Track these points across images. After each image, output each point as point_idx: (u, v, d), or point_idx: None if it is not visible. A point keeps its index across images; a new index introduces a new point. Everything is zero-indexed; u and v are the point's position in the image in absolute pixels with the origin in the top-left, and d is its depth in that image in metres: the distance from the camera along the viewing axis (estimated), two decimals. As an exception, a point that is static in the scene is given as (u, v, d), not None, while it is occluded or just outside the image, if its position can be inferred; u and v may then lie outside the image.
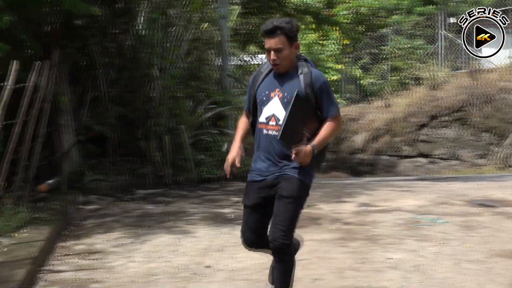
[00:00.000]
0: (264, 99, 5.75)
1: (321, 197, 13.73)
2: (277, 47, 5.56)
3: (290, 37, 5.60)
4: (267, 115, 5.73)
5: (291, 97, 5.54)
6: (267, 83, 5.80)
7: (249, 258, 8.62)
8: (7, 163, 9.63)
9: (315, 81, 5.66)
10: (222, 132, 17.92)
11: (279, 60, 5.62)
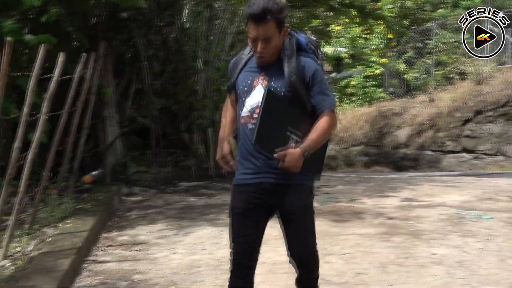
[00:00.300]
0: (246, 88, 4.87)
1: (364, 191, 13.69)
2: (266, 36, 4.64)
3: (280, 23, 4.67)
4: (251, 106, 4.81)
5: (277, 85, 4.75)
6: (249, 69, 4.92)
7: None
8: (52, 154, 9.71)
9: (306, 70, 4.78)
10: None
11: (267, 51, 4.71)
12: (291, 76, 4.72)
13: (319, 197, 12.97)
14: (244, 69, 4.94)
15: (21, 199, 8.38)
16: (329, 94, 4.82)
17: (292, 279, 7.35)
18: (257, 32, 4.62)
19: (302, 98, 4.77)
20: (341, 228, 9.99)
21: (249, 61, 4.95)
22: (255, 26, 4.62)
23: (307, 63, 4.81)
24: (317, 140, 4.73)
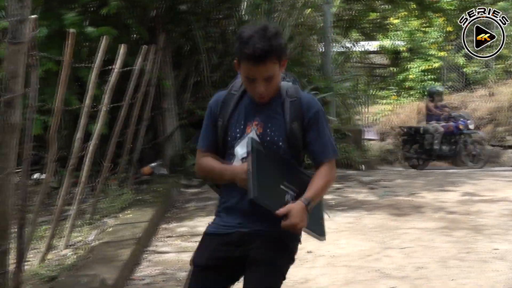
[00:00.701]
0: (238, 135, 3.93)
1: (424, 186, 13.56)
2: (268, 75, 3.75)
3: (280, 59, 3.78)
4: (241, 156, 3.90)
5: (275, 134, 3.88)
6: (242, 113, 3.96)
7: (351, 245, 8.59)
8: (112, 146, 9.78)
9: (306, 110, 3.90)
10: (324, 118, 17.84)
11: (269, 90, 3.83)
12: (293, 122, 3.89)
13: (378, 191, 12.91)
14: (235, 110, 3.98)
15: (82, 190, 8.46)
16: (330, 141, 3.98)
17: (352, 272, 7.36)
18: (256, 73, 3.75)
19: (299, 147, 3.94)
20: (401, 222, 9.90)
21: (241, 100, 4.00)
22: (253, 67, 3.73)
23: (308, 102, 3.93)
24: (320, 193, 3.90)
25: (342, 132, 17.63)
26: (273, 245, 3.86)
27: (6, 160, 4.36)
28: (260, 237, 3.85)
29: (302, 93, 3.96)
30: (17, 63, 4.31)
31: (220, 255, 3.91)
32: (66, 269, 7.15)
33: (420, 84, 28.93)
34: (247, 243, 3.88)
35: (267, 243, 3.85)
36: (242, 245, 3.89)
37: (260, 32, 3.71)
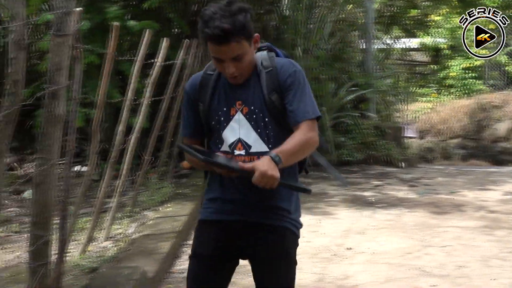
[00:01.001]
0: (222, 119, 3.70)
1: (465, 184, 13.47)
2: (236, 54, 3.52)
3: (247, 36, 3.53)
4: (230, 141, 3.68)
5: (259, 110, 3.64)
6: (222, 94, 3.74)
7: (391, 242, 8.55)
8: (153, 139, 9.81)
9: (282, 74, 3.64)
10: (363, 115, 17.79)
11: (240, 70, 3.59)
12: (271, 94, 3.64)
13: (418, 188, 12.84)
14: (215, 92, 3.75)
15: (123, 182, 8.49)
16: (309, 101, 3.64)
17: (392, 269, 7.32)
18: (222, 54, 3.52)
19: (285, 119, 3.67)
20: (441, 220, 9.84)
21: (218, 81, 3.77)
22: (218, 47, 3.50)
23: (283, 65, 3.67)
24: (292, 150, 3.49)
25: (381, 129, 17.54)
26: (282, 237, 3.70)
27: (50, 151, 4.39)
28: (268, 230, 3.68)
29: (278, 60, 3.71)
30: (62, 55, 4.32)
31: (223, 244, 3.73)
32: (107, 261, 7.19)
33: (461, 82, 28.67)
34: (250, 235, 3.70)
35: (276, 236, 3.69)
36: (246, 236, 3.71)
37: (222, 9, 3.48)
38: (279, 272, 3.73)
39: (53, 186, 4.47)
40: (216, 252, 3.73)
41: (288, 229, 3.71)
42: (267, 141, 3.65)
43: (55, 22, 4.30)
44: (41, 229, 4.45)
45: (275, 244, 3.69)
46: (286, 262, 3.74)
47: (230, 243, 3.73)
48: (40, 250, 4.50)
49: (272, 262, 3.70)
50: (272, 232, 3.68)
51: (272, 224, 3.68)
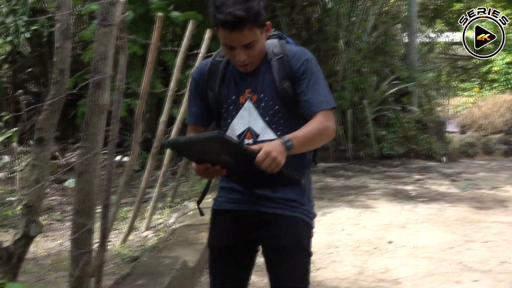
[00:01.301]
0: (231, 107, 3.65)
1: (508, 180, 13.34)
2: (248, 42, 3.43)
3: (259, 23, 3.44)
4: (240, 130, 3.62)
5: (269, 98, 3.57)
6: (231, 82, 3.68)
7: (432, 236, 8.49)
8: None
9: (295, 63, 3.55)
10: (405, 108, 17.69)
11: (251, 58, 3.52)
12: (283, 81, 3.56)
13: (460, 183, 12.73)
14: (224, 79, 3.70)
15: (164, 173, 8.53)
16: (323, 91, 3.54)
17: (433, 263, 7.27)
18: (233, 41, 3.44)
19: (298, 107, 3.57)
20: (483, 215, 9.74)
21: (227, 68, 3.70)
22: (229, 34, 3.42)
23: (295, 53, 3.59)
24: (307, 137, 3.40)
25: (423, 123, 17.44)
26: (294, 227, 3.63)
27: (94, 140, 4.41)
28: (280, 220, 3.61)
29: (289, 47, 3.63)
30: (107, 45, 4.34)
31: (237, 234, 3.69)
32: (148, 250, 7.24)
33: (504, 76, 28.39)
34: (262, 226, 3.65)
35: (288, 226, 3.62)
36: (258, 227, 3.66)
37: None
38: (291, 261, 3.65)
39: (96, 175, 4.50)
40: (229, 242, 3.70)
41: (299, 218, 3.65)
42: (276, 130, 3.56)
43: (100, 12, 4.32)
44: (84, 218, 4.48)
45: (287, 234, 3.62)
46: (298, 251, 3.65)
47: (242, 233, 3.68)
48: (83, 238, 4.52)
49: (284, 252, 3.63)
50: (283, 222, 3.62)
51: (283, 214, 3.62)
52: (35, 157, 4.06)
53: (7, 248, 4.06)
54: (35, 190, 4.06)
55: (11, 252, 4.06)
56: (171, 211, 9.21)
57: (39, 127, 4.01)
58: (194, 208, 8.94)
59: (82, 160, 4.40)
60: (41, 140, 4.01)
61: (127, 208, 9.09)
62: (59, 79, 3.97)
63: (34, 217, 4.11)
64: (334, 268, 7.13)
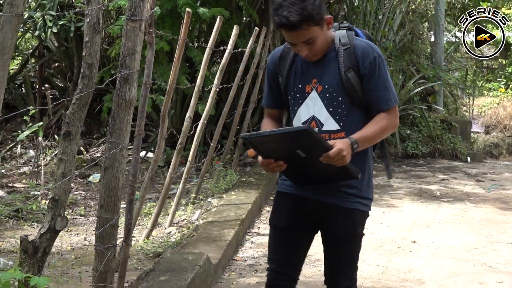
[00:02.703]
0: (298, 95, 3.90)
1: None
2: (306, 39, 3.69)
3: (317, 21, 3.64)
4: (305, 118, 3.87)
5: (334, 89, 3.81)
6: (298, 70, 3.90)
7: (456, 237, 8.46)
8: (219, 127, 9.84)
9: (361, 58, 3.76)
10: (430, 108, 17.60)
11: (313, 52, 3.76)
12: (348, 71, 3.77)
13: (485, 183, 12.65)
14: (293, 66, 3.93)
15: (189, 169, 8.53)
16: (389, 89, 3.81)
17: (457, 264, 7.23)
18: (292, 39, 3.73)
19: (359, 97, 3.82)
20: (508, 216, 9.69)
21: (297, 56, 3.92)
22: (288, 34, 3.71)
23: (363, 49, 3.79)
24: (372, 135, 3.75)
25: (448, 123, 17.35)
26: (351, 218, 3.93)
27: (120, 135, 4.42)
28: (338, 211, 3.91)
29: (357, 40, 3.84)
30: (135, 40, 4.35)
31: (296, 217, 4.00)
32: (171, 246, 7.25)
33: (530, 76, 28.20)
34: (322, 213, 3.96)
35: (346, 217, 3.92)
36: (318, 214, 3.96)
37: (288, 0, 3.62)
38: (346, 249, 4.01)
39: (122, 170, 4.51)
40: (288, 223, 4.02)
41: (356, 210, 3.93)
42: (339, 120, 3.81)
43: (129, 7, 4.33)
44: (108, 212, 4.50)
45: (344, 225, 3.94)
46: (353, 241, 4.01)
47: (302, 217, 4.00)
48: (107, 233, 4.55)
49: (341, 241, 3.99)
50: (341, 214, 3.91)
51: (341, 205, 3.90)
52: (62, 151, 4.08)
53: (33, 242, 4.08)
54: (62, 184, 4.08)
55: (37, 245, 4.08)
56: (195, 208, 9.21)
57: (67, 121, 4.03)
58: (217, 205, 8.94)
59: (108, 154, 4.41)
60: (69, 134, 4.03)
61: (151, 204, 9.10)
62: (87, 73, 3.99)
63: (60, 211, 4.13)
64: (357, 267, 7.10)
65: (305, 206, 3.95)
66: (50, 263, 6.25)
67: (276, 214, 4.10)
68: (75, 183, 10.67)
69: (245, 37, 11.80)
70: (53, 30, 12.31)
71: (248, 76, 10.80)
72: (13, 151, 12.83)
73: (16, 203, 9.05)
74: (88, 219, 8.83)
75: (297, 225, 4.01)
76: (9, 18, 3.15)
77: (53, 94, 14.84)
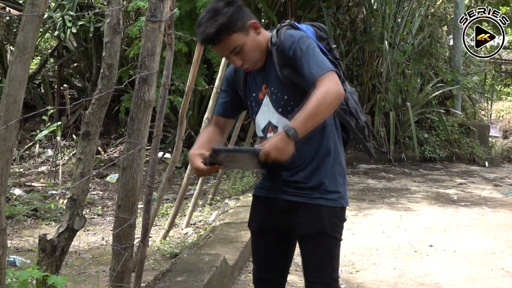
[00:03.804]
0: (254, 104, 3.82)
1: None
2: (231, 48, 3.60)
3: (237, 29, 3.56)
4: (263, 125, 3.78)
5: (277, 89, 3.68)
6: (252, 81, 3.82)
7: (474, 241, 8.42)
8: (236, 128, 9.84)
9: (287, 48, 3.57)
10: (449, 111, 17.56)
11: (247, 60, 3.65)
12: (283, 69, 3.62)
13: (502, 188, 12.60)
14: (246, 79, 3.84)
15: (206, 170, 8.53)
16: (314, 60, 3.49)
17: (475, 269, 7.20)
18: (221, 52, 3.68)
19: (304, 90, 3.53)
20: (527, 222, 9.66)
21: None
22: (216, 48, 3.66)
23: (286, 40, 3.60)
24: (308, 113, 3.36)
25: (466, 127, 17.31)
26: (317, 214, 3.71)
27: (139, 136, 4.43)
28: (304, 208, 3.73)
29: (284, 34, 3.63)
30: (155, 41, 4.36)
31: (268, 219, 3.87)
32: (188, 247, 7.27)
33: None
34: (290, 213, 3.77)
35: (311, 214, 3.73)
36: (287, 214, 3.78)
37: (209, 10, 3.59)
38: (316, 248, 3.76)
39: (140, 170, 4.52)
40: (262, 225, 3.90)
41: (322, 206, 3.72)
42: (291, 119, 3.50)
43: (149, 8, 4.35)
44: (126, 213, 4.51)
45: (310, 222, 3.73)
46: (322, 238, 3.74)
47: (274, 219, 3.83)
48: (125, 233, 4.56)
49: (309, 239, 3.77)
50: (306, 211, 3.73)
51: (306, 202, 3.72)
52: (81, 150, 4.10)
53: (51, 241, 4.10)
54: (80, 184, 4.09)
55: (55, 245, 4.10)
56: (212, 209, 9.23)
57: (86, 121, 4.04)
58: (234, 206, 8.95)
59: (126, 155, 4.42)
60: (88, 134, 4.05)
61: (168, 205, 9.12)
62: (107, 74, 4.01)
63: (78, 210, 4.15)
64: (374, 270, 7.10)
65: (276, 207, 3.81)
66: (68, 262, 6.27)
67: (251, 217, 3.99)
68: (93, 183, 10.71)
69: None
70: (72, 31, 12.36)
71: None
72: (32, 150, 12.90)
73: (34, 202, 9.10)
74: (105, 219, 8.86)
75: (271, 228, 3.86)
76: (31, 18, 3.17)
77: (72, 94, 14.91)
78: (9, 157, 3.16)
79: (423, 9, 17.54)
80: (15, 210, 8.39)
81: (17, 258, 6.53)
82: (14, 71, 3.15)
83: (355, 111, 3.86)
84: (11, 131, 3.13)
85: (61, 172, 10.48)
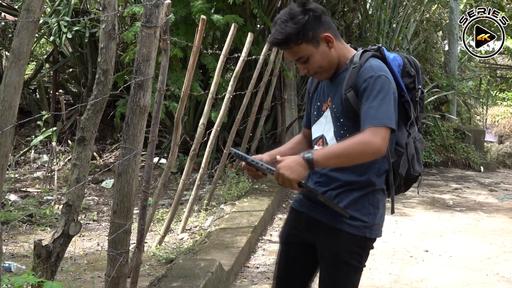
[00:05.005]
0: (315, 113, 3.82)
1: None
2: (298, 57, 3.61)
3: (307, 39, 3.54)
4: (315, 136, 3.80)
5: (337, 109, 3.65)
6: (321, 89, 3.81)
7: (469, 246, 8.43)
8: (232, 133, 9.84)
9: (362, 75, 3.52)
10: (444, 116, 17.58)
11: (313, 70, 3.65)
12: (348, 90, 3.57)
13: (498, 193, 12.62)
14: (318, 85, 3.86)
15: (202, 176, 8.54)
16: (380, 108, 3.44)
17: (470, 274, 7.21)
18: (288, 56, 3.69)
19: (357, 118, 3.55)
20: (522, 227, 9.67)
21: None
22: (284, 52, 3.75)
23: (367, 68, 3.55)
24: (336, 150, 3.45)
25: (462, 132, 17.34)
26: (335, 238, 3.65)
27: (134, 141, 4.43)
28: (325, 229, 3.69)
29: (369, 60, 3.57)
30: (150, 46, 4.36)
31: (293, 233, 3.88)
32: (183, 253, 7.26)
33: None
34: (314, 231, 3.75)
35: (330, 236, 3.67)
36: (311, 231, 3.77)
37: (285, 13, 3.56)
38: (329, 271, 3.72)
39: (135, 175, 4.52)
40: (287, 239, 3.90)
41: (343, 231, 3.64)
42: (340, 141, 3.57)
43: (144, 14, 4.35)
44: (121, 218, 4.50)
45: (327, 245, 3.70)
46: (335, 263, 3.70)
47: (298, 233, 3.84)
48: (120, 238, 4.55)
49: (324, 260, 3.74)
50: (326, 232, 3.69)
51: (327, 223, 3.68)
52: (76, 156, 4.10)
53: (46, 247, 4.10)
54: (75, 190, 4.09)
55: (50, 250, 4.10)
56: (207, 214, 9.23)
57: (81, 127, 4.04)
58: (230, 212, 8.95)
59: (122, 160, 4.42)
60: (83, 139, 4.05)
61: (164, 210, 9.12)
62: (102, 79, 4.01)
63: (74, 216, 4.14)
64: (369, 276, 7.10)
65: (301, 221, 3.82)
66: (63, 268, 6.25)
67: (282, 228, 4.01)
68: (88, 189, 10.69)
69: (259, 44, 11.82)
70: (67, 36, 12.36)
71: (262, 83, 10.79)
72: (27, 156, 12.87)
73: (29, 208, 9.08)
74: (100, 225, 8.85)
75: (295, 242, 3.86)
76: (26, 24, 3.16)
77: (67, 99, 14.87)
78: (4, 162, 3.15)
79: (418, 14, 17.57)
80: (10, 216, 8.37)
81: (13, 264, 6.52)
82: (10, 77, 3.14)
83: (411, 158, 3.78)
84: (6, 137, 3.13)
85: (57, 178, 10.46)
